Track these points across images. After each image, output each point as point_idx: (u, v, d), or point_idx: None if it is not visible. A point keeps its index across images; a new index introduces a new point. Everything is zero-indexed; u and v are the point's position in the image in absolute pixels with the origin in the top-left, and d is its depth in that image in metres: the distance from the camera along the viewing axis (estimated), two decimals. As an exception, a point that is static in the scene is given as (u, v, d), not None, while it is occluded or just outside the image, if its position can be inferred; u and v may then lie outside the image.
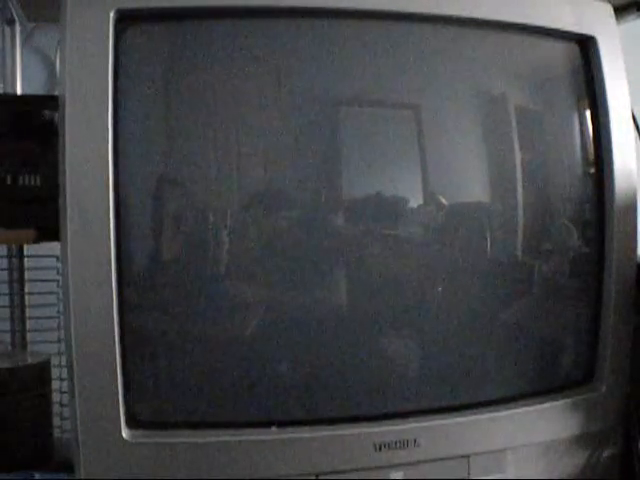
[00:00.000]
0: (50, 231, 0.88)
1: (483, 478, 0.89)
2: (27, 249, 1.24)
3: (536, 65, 0.94)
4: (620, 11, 1.06)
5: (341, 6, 0.84)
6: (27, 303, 1.24)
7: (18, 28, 1.26)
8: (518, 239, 0.93)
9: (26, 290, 1.24)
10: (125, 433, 0.78)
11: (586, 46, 0.93)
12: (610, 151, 0.93)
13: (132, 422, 0.79)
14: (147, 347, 0.82)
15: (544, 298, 0.93)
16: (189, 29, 0.82)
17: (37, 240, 0.96)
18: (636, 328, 0.95)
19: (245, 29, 0.83)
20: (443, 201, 0.88)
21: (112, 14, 0.77)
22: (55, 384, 1.13)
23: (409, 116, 0.90)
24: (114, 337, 0.77)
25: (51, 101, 0.96)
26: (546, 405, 0.91)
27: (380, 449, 0.84)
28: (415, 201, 0.88)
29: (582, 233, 0.95)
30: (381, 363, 0.88)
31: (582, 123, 0.95)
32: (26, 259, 1.24)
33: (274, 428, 0.82)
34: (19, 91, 1.27)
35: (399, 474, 0.85)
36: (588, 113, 0.94)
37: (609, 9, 0.95)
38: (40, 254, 1.19)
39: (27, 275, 1.25)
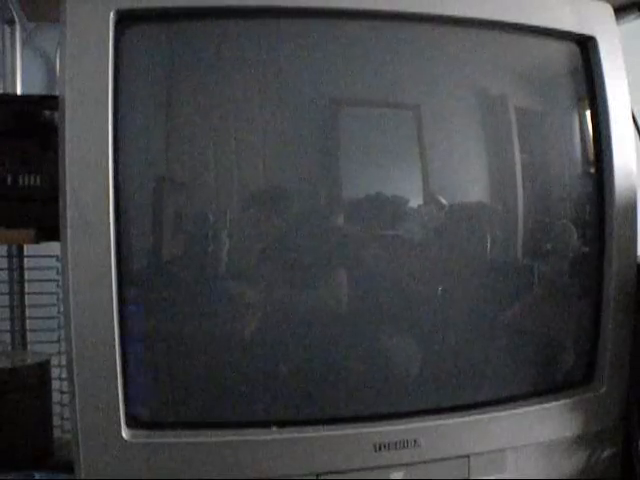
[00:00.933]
0: (50, 231, 0.88)
1: (483, 478, 0.89)
2: (27, 249, 1.24)
3: (536, 65, 0.94)
4: (620, 11, 1.06)
5: (342, 6, 0.84)
6: (27, 303, 1.25)
7: (18, 28, 1.26)
8: (518, 239, 0.93)
9: (26, 290, 1.24)
10: (125, 433, 0.78)
11: (586, 46, 0.93)
12: (610, 151, 0.92)
13: (132, 422, 0.79)
14: (147, 347, 0.82)
15: (544, 298, 0.93)
16: (189, 29, 0.82)
17: (37, 240, 0.95)
18: (636, 328, 0.95)
19: (245, 29, 0.83)
20: (443, 201, 0.88)
21: (112, 14, 0.77)
22: (55, 384, 1.14)
23: (409, 116, 0.90)
24: (114, 337, 0.77)
25: (51, 101, 0.96)
26: (546, 405, 0.91)
27: (380, 449, 0.84)
28: (415, 201, 0.88)
29: (582, 233, 0.95)
30: (381, 363, 0.88)
31: (582, 123, 0.95)
32: (26, 259, 1.24)
33: (274, 428, 0.82)
34: (19, 91, 1.27)
35: (399, 474, 0.85)
36: (588, 113, 0.94)
37: (609, 9, 0.95)
38: (40, 254, 1.19)
39: (27, 275, 1.25)
